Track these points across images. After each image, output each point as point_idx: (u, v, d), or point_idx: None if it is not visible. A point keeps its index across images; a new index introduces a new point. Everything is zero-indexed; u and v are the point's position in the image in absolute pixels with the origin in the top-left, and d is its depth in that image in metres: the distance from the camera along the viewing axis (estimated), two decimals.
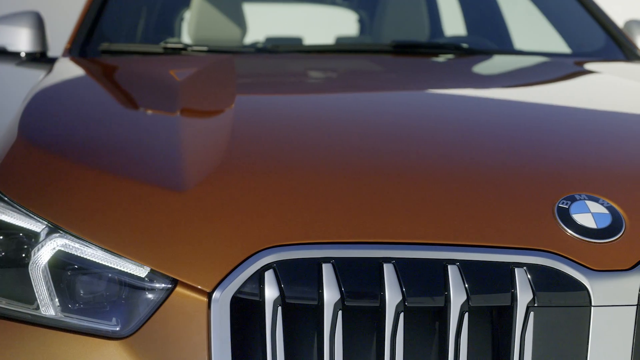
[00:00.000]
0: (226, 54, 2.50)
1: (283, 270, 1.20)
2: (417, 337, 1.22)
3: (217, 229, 1.25)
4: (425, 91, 2.08)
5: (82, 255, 1.27)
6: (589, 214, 1.27)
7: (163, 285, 1.23)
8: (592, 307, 1.20)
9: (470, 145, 1.51)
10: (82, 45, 2.49)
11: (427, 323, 1.22)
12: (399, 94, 2.05)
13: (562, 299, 1.20)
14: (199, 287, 1.21)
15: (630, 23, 2.91)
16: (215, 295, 1.20)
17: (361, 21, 4.23)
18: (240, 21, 3.04)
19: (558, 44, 2.92)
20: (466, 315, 1.19)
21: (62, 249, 1.27)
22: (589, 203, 1.28)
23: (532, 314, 1.20)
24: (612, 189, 1.32)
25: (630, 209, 1.28)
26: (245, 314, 1.22)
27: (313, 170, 1.38)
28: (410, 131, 1.60)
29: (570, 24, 2.99)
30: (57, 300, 1.26)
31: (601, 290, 1.20)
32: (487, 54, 2.73)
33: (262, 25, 4.15)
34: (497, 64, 2.57)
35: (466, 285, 1.19)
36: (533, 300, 1.20)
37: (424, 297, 1.20)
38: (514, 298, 1.20)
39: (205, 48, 2.49)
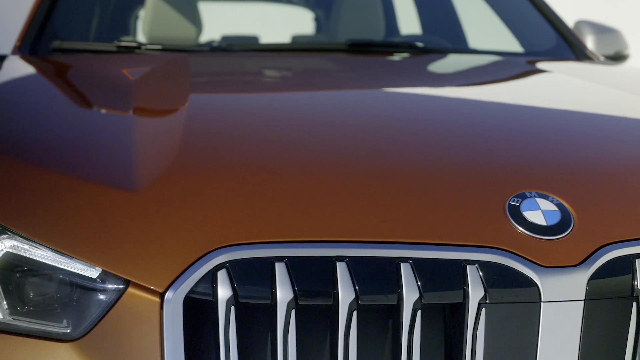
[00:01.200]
0: (181, 52, 2.48)
1: (236, 270, 1.20)
2: (371, 335, 1.23)
3: (170, 228, 1.24)
4: (379, 90, 2.09)
5: (31, 257, 1.25)
6: (539, 211, 1.28)
7: (115, 286, 1.22)
8: (542, 303, 1.21)
9: (423, 144, 1.52)
10: (32, 43, 2.45)
11: (380, 321, 1.23)
12: (353, 92, 2.05)
13: (513, 295, 1.22)
14: (151, 287, 1.20)
15: (580, 23, 2.96)
16: (168, 295, 1.19)
17: (317, 20, 4.23)
18: (195, 20, 3.02)
19: (511, 43, 2.96)
20: (419, 312, 1.20)
21: (11, 250, 1.25)
22: (539, 200, 1.30)
23: (483, 310, 1.21)
24: (562, 187, 1.34)
25: (578, 205, 1.30)
26: (199, 314, 1.21)
27: (266, 169, 1.38)
28: (364, 130, 1.60)
29: (522, 23, 3.04)
30: (5, 303, 1.24)
31: (550, 286, 1.21)
32: (441, 53, 2.75)
33: (219, 24, 4.13)
34: (452, 63, 2.59)
35: (419, 283, 1.20)
36: (485, 297, 1.21)
37: (376, 295, 1.20)
38: (465, 295, 1.21)
39: (159, 47, 2.47)
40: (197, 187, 1.32)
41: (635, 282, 1.24)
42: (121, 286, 1.21)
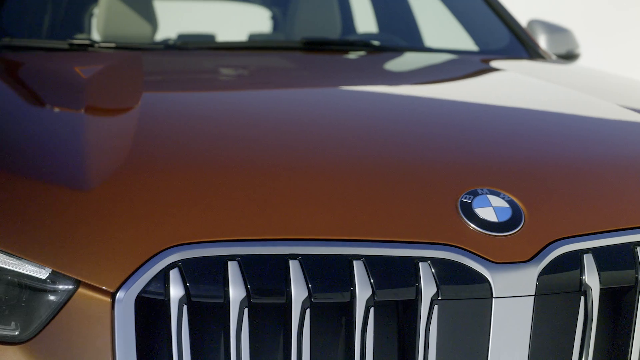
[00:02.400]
0: (135, 51, 2.46)
1: (188, 269, 1.19)
2: (324, 333, 1.23)
3: (121, 228, 1.23)
4: (334, 88, 2.09)
5: None
6: (491, 208, 1.30)
7: (65, 286, 1.20)
8: (494, 299, 1.23)
9: (375, 141, 1.52)
10: None
11: (333, 319, 1.23)
12: (306, 91, 2.05)
13: (465, 291, 1.23)
14: (102, 287, 1.18)
15: (532, 23, 3.00)
16: (119, 295, 1.18)
17: (274, 18, 4.23)
18: (150, 18, 2.99)
19: (466, 42, 2.99)
20: (372, 310, 1.20)
21: None
22: (491, 197, 1.31)
23: (436, 307, 1.22)
24: (513, 183, 1.36)
25: (529, 202, 1.32)
26: (151, 314, 1.20)
27: (218, 167, 1.37)
28: (317, 127, 1.60)
29: (477, 23, 3.07)
30: None
31: (501, 282, 1.23)
32: (397, 51, 2.76)
33: (177, 22, 4.10)
34: (407, 61, 2.60)
35: (371, 280, 1.21)
36: (437, 293, 1.22)
37: (329, 293, 1.20)
38: (418, 292, 1.21)
39: (113, 45, 2.44)
40: (149, 186, 1.30)
41: (583, 277, 1.26)
42: (71, 287, 1.20)
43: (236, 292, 1.18)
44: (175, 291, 1.18)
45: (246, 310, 1.18)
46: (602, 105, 1.89)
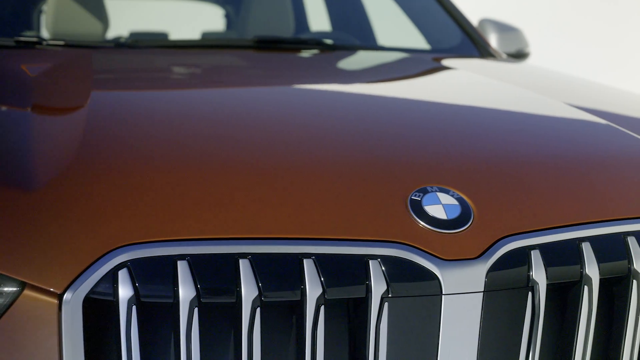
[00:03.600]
0: (85, 48, 2.42)
1: (138, 269, 1.18)
2: (275, 332, 1.22)
3: (68, 228, 1.21)
4: (285, 86, 2.09)
5: None
6: (440, 206, 1.31)
7: (10, 288, 1.18)
8: (443, 296, 1.24)
9: (325, 140, 1.52)
10: None
11: (284, 318, 1.23)
12: (257, 89, 2.05)
13: (415, 288, 1.23)
14: (49, 289, 1.16)
15: (483, 22, 3.04)
16: (66, 296, 1.16)
17: (227, 17, 4.21)
18: (101, 15, 2.95)
19: (418, 41, 3.01)
20: (322, 308, 1.20)
21: None
22: (440, 195, 1.32)
23: (386, 304, 1.22)
24: (462, 181, 1.37)
25: (478, 199, 1.33)
26: (100, 315, 1.18)
27: (167, 167, 1.36)
28: (267, 125, 1.60)
29: (429, 21, 3.09)
30: None
31: (451, 278, 1.24)
32: (350, 49, 2.77)
33: (131, 21, 4.06)
34: (359, 59, 2.61)
35: (322, 279, 1.21)
36: (387, 291, 1.22)
37: (280, 292, 1.20)
38: (368, 289, 1.22)
39: (62, 42, 2.40)
40: (97, 186, 1.29)
41: (531, 273, 1.28)
42: (16, 289, 1.17)
43: (186, 291, 1.17)
44: (124, 292, 1.17)
45: (196, 309, 1.18)
46: (549, 103, 1.92)
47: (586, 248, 1.32)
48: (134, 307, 1.17)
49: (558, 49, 6.99)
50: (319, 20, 3.62)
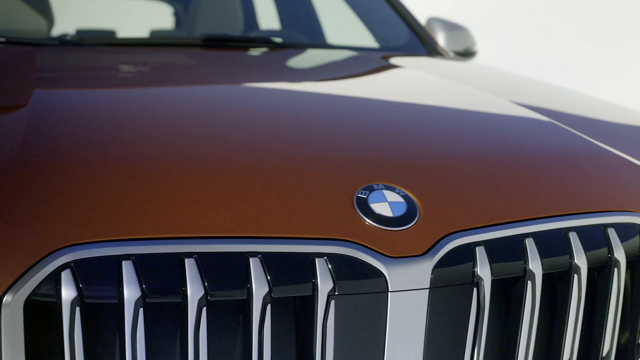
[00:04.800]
0: (28, 46, 2.38)
1: (81, 270, 1.16)
2: (222, 331, 1.22)
3: (8, 229, 1.19)
4: (232, 85, 2.08)
5: None
6: (386, 203, 1.31)
7: None
8: (389, 293, 1.24)
9: (272, 138, 1.52)
10: None
11: (231, 317, 1.22)
12: (203, 88, 2.03)
13: (362, 286, 1.24)
14: None
15: (431, 20, 3.07)
16: (7, 299, 1.13)
17: (177, 15, 4.17)
18: (46, 12, 2.90)
19: (367, 39, 3.02)
20: (269, 306, 1.20)
21: None
22: (386, 192, 1.33)
23: (332, 302, 1.22)
24: (408, 179, 1.38)
25: (424, 197, 1.34)
26: (43, 318, 1.16)
27: (111, 166, 1.34)
28: (211, 124, 1.58)
29: (377, 20, 3.11)
30: None
31: (397, 276, 1.24)
32: (299, 48, 2.77)
33: (80, 18, 3.99)
34: (308, 57, 2.61)
35: (268, 277, 1.20)
36: (334, 288, 1.22)
37: (226, 291, 1.20)
38: (315, 287, 1.22)
39: (3, 39, 2.35)
40: (38, 185, 1.26)
41: (476, 269, 1.29)
42: None
43: (130, 292, 1.16)
44: (67, 293, 1.15)
45: (141, 310, 1.16)
46: (494, 101, 1.94)
47: (529, 244, 1.34)
48: (77, 309, 1.15)
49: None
50: (269, 19, 3.61)
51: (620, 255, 1.40)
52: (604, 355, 1.41)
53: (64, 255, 1.16)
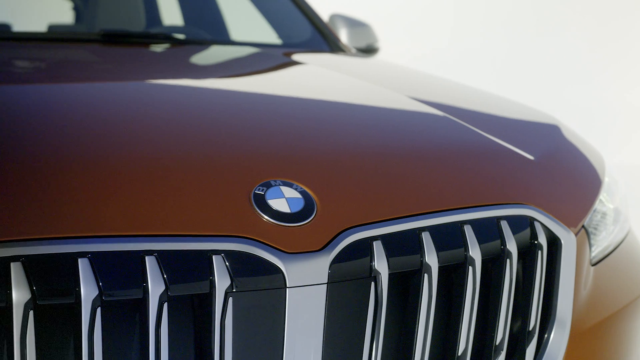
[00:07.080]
0: None
1: (33, 268, 1.13)
2: (118, 332, 1.20)
3: None
4: (128, 82, 2.05)
5: None
6: (284, 199, 1.31)
7: None
8: (287, 289, 1.24)
9: (168, 134, 1.50)
10: None
11: (127, 316, 1.20)
12: (99, 84, 1.99)
13: (259, 282, 1.24)
14: None
15: (334, 17, 3.09)
16: None
17: (76, 9, 4.07)
18: None
19: (270, 35, 3.02)
20: (165, 305, 1.19)
21: None
22: (284, 188, 1.33)
23: (230, 299, 1.22)
24: (306, 174, 1.38)
25: (321, 192, 1.35)
26: None
27: (11, 164, 1.30)
28: (107, 121, 1.55)
29: (280, 16, 3.11)
30: None
31: (294, 271, 1.25)
32: (201, 44, 2.74)
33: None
34: (210, 54, 2.59)
35: (164, 276, 1.19)
36: (231, 285, 1.22)
37: (121, 290, 1.17)
38: (212, 285, 1.21)
39: None
40: None
41: (373, 264, 1.31)
42: None
43: (19, 294, 1.12)
44: (19, 294, 1.12)
45: (31, 312, 1.13)
46: (392, 96, 1.97)
47: (426, 237, 1.36)
48: (30, 311, 1.12)
49: None
50: (173, 16, 3.57)
51: (512, 246, 1.44)
52: (497, 343, 1.45)
53: (12, 247, 1.13)
